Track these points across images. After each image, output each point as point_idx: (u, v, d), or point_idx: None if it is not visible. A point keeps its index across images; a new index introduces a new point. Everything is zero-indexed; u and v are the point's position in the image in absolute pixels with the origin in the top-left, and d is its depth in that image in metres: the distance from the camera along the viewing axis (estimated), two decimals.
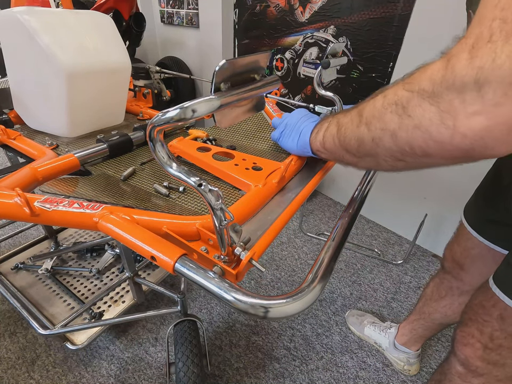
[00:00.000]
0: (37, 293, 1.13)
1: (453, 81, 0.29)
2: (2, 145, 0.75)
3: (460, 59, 0.28)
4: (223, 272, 0.38)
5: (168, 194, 0.56)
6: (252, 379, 1.08)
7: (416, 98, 0.32)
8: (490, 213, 0.72)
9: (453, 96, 0.29)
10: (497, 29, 0.26)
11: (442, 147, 0.32)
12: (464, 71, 0.28)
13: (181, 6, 2.43)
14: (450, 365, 0.70)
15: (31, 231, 1.63)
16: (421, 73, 0.33)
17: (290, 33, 1.90)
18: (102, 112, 0.84)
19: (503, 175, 0.67)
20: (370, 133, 0.39)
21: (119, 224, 0.41)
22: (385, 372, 1.13)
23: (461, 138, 0.30)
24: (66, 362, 1.09)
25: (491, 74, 0.26)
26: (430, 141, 0.32)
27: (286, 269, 1.54)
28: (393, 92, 0.36)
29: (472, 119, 0.28)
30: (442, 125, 0.30)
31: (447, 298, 0.92)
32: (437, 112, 0.30)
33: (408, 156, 0.36)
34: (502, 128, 0.27)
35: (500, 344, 0.58)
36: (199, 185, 0.33)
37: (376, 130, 0.38)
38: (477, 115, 0.28)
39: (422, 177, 1.58)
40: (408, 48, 1.43)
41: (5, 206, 0.45)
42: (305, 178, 0.61)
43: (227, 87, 0.38)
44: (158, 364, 1.11)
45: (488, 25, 0.27)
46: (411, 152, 0.35)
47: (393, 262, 1.62)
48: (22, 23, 0.66)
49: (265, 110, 0.88)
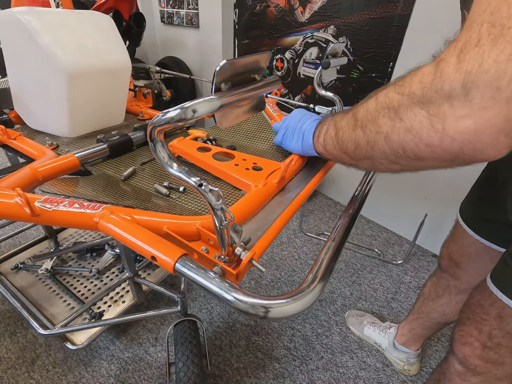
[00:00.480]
0: (37, 293, 1.13)
1: (442, 85, 0.29)
2: (3, 145, 0.75)
3: (448, 63, 0.29)
4: (223, 272, 0.38)
5: (169, 194, 0.56)
6: (251, 379, 1.08)
7: (406, 101, 0.33)
8: (485, 211, 0.73)
9: (442, 100, 0.29)
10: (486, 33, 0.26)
11: (433, 150, 0.32)
12: (452, 76, 0.28)
13: (181, 6, 2.43)
14: (449, 364, 0.70)
15: (31, 231, 1.63)
16: (412, 76, 0.33)
17: (290, 33, 1.90)
18: (102, 112, 0.84)
19: (498, 174, 0.67)
20: (365, 136, 0.40)
21: (119, 224, 0.41)
22: (385, 372, 1.13)
23: (450, 142, 0.30)
24: (66, 362, 1.09)
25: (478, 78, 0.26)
26: (420, 145, 0.33)
27: (286, 269, 1.54)
28: (385, 94, 0.36)
29: (461, 122, 0.28)
30: (432, 129, 0.31)
31: (444, 297, 0.92)
32: (427, 116, 0.31)
33: (401, 159, 0.36)
34: (490, 132, 0.27)
35: (498, 342, 0.58)
36: (200, 186, 0.33)
37: (370, 133, 0.39)
38: (465, 119, 0.28)
39: (422, 178, 1.58)
40: (408, 48, 1.43)
41: (5, 206, 0.45)
42: (305, 179, 0.61)
43: (227, 87, 0.38)
44: (158, 364, 1.11)
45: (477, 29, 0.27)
46: (404, 155, 0.35)
47: (393, 262, 1.62)
48: (22, 23, 0.66)
49: (265, 110, 0.88)
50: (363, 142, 0.41)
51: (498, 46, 0.25)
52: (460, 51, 0.28)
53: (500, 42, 0.25)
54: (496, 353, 0.59)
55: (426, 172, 0.38)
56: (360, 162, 0.45)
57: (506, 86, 0.25)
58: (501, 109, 0.26)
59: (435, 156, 0.33)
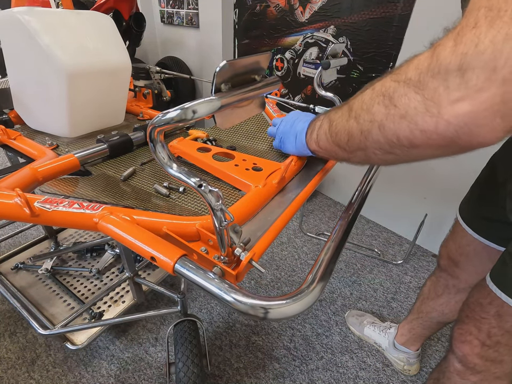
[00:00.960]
0: (37, 293, 1.13)
1: (438, 69, 0.29)
2: (3, 145, 0.75)
3: (445, 47, 0.28)
4: (223, 273, 0.38)
5: (168, 195, 0.56)
6: (251, 379, 1.08)
7: (402, 88, 0.32)
8: (485, 210, 0.73)
9: (438, 84, 0.29)
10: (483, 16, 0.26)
11: (428, 136, 0.31)
12: (449, 59, 0.28)
13: (181, 6, 2.43)
14: (448, 362, 0.70)
15: (31, 231, 1.63)
16: (409, 64, 0.33)
17: (290, 33, 1.90)
18: (102, 112, 0.84)
19: (498, 172, 0.67)
20: (359, 125, 0.39)
21: (119, 225, 0.41)
22: (385, 372, 1.13)
23: (446, 126, 0.29)
24: (66, 362, 1.09)
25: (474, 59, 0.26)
26: (416, 131, 0.32)
27: (286, 269, 1.54)
28: (381, 84, 0.36)
29: (456, 105, 0.28)
30: (427, 113, 0.30)
31: (443, 297, 0.92)
32: (422, 101, 0.30)
33: (396, 148, 0.36)
34: (486, 114, 0.27)
35: (498, 341, 0.58)
36: (199, 186, 0.33)
37: (364, 122, 0.38)
38: (460, 101, 0.27)
39: (422, 177, 1.58)
40: (408, 48, 1.43)
41: (5, 206, 0.45)
42: (305, 179, 0.61)
43: (228, 87, 0.38)
44: (158, 364, 1.11)
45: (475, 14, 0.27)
46: (399, 143, 0.35)
47: (393, 262, 1.62)
48: (22, 23, 0.66)
49: (265, 111, 0.88)
50: (356, 132, 0.40)
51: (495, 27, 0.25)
52: (456, 34, 0.28)
53: (496, 23, 0.25)
54: (495, 352, 0.59)
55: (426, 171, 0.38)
56: (353, 155, 0.44)
57: (503, 66, 0.25)
58: (497, 89, 0.25)
59: (430, 142, 0.32)
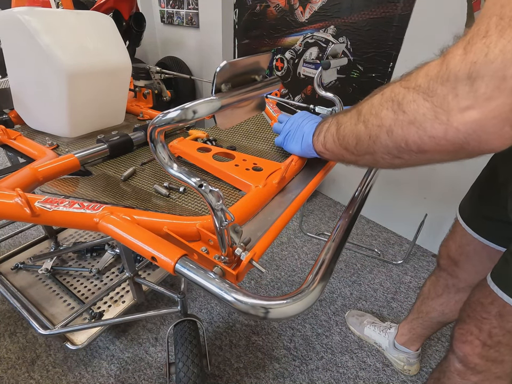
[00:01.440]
0: (37, 293, 1.13)
1: (447, 77, 0.29)
2: (3, 145, 0.75)
3: (454, 55, 0.29)
4: (223, 272, 0.38)
5: (169, 195, 0.56)
6: (251, 379, 1.08)
7: (411, 94, 0.33)
8: (485, 209, 0.73)
9: (447, 91, 0.29)
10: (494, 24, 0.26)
11: (437, 142, 0.32)
12: (458, 67, 0.28)
13: (181, 6, 2.43)
14: (449, 362, 0.70)
15: (31, 231, 1.63)
16: (419, 71, 0.33)
17: (290, 33, 1.90)
18: (102, 112, 0.84)
19: (499, 172, 0.67)
20: (367, 130, 0.39)
21: (119, 225, 0.41)
22: (385, 372, 1.13)
23: (455, 133, 0.30)
24: (66, 362, 1.09)
25: (483, 68, 0.26)
26: (424, 137, 0.32)
27: (286, 269, 1.54)
28: (391, 89, 0.36)
29: (465, 113, 0.28)
30: (436, 120, 0.31)
31: (443, 296, 0.92)
32: (431, 108, 0.31)
33: (404, 153, 0.36)
34: (494, 122, 0.27)
35: (499, 341, 0.58)
36: (200, 186, 0.33)
37: (372, 127, 0.38)
38: (469, 109, 0.28)
39: (422, 178, 1.58)
40: (408, 48, 1.43)
41: (5, 206, 0.45)
42: (305, 179, 0.61)
43: (228, 88, 0.38)
44: (158, 364, 1.11)
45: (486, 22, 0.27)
46: (407, 148, 0.35)
47: (393, 262, 1.62)
48: (22, 23, 0.66)
49: (265, 111, 0.88)
50: (365, 136, 0.40)
51: (506, 37, 0.25)
52: (467, 43, 0.28)
53: (507, 33, 0.25)
54: (496, 352, 0.59)
55: (426, 171, 0.38)
56: (361, 158, 0.44)
57: None
58: (506, 98, 0.26)
59: (439, 148, 0.32)
